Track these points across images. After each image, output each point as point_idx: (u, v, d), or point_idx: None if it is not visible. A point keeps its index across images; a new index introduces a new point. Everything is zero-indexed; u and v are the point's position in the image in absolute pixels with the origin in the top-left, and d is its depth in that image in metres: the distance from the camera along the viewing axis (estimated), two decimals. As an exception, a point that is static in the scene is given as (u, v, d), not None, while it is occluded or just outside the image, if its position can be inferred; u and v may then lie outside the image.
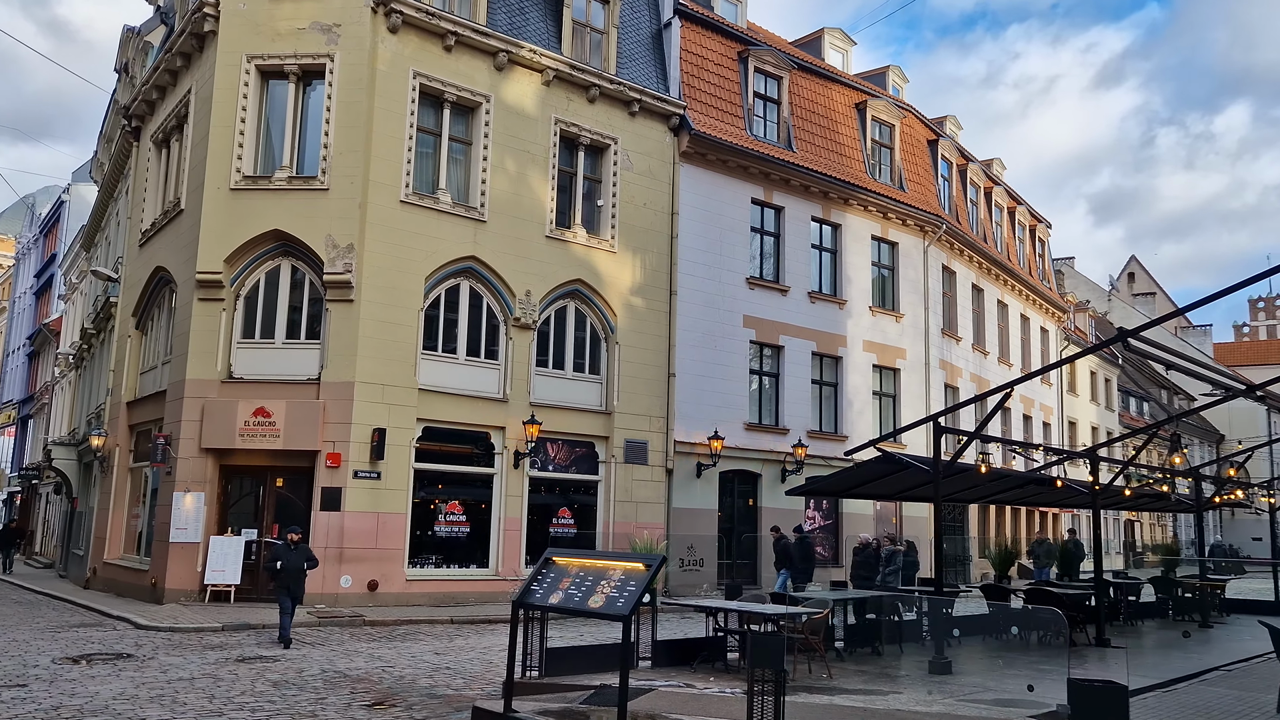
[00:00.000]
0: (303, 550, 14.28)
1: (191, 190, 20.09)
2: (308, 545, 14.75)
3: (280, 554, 14.16)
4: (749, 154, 24.95)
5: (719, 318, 24.26)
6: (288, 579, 13.89)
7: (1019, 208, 38.37)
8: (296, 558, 14.04)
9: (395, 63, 19.66)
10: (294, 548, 14.13)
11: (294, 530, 14.48)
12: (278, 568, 13.91)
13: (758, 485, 24.80)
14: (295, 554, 14.05)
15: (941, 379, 29.96)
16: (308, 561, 14.17)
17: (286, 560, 13.97)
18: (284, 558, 14.02)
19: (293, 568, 13.95)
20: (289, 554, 14.07)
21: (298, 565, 14.01)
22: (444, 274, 20.09)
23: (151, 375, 22.08)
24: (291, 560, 13.98)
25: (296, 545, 14.19)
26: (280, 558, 14.05)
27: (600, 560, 8.16)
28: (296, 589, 13.99)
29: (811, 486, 15.77)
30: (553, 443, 21.45)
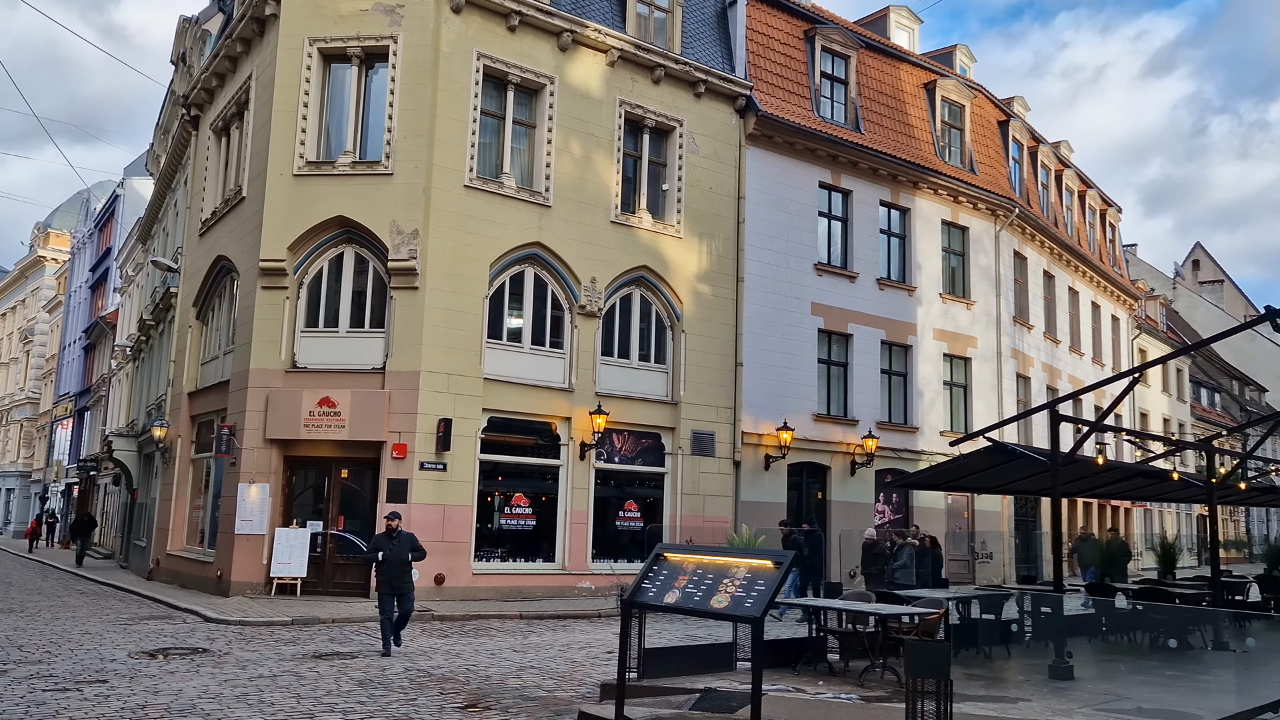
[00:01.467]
0: (406, 539, 12.38)
1: (253, 177, 19.76)
2: (410, 533, 12.80)
3: (380, 544, 12.34)
4: (817, 136, 24.15)
5: (786, 305, 23.52)
6: (390, 573, 12.14)
7: (1089, 191, 37.10)
8: (400, 548, 12.24)
9: (458, 44, 19.16)
10: (395, 537, 12.32)
11: (394, 516, 12.68)
12: (379, 559, 12.16)
13: (826, 478, 24.05)
14: (398, 544, 12.26)
15: (1013, 369, 28.96)
16: (413, 552, 12.27)
17: (388, 551, 12.21)
18: (385, 548, 12.23)
19: (396, 559, 12.18)
20: (390, 544, 12.28)
21: (401, 557, 12.22)
22: (508, 260, 19.58)
23: (213, 365, 21.85)
24: (395, 551, 12.21)
25: (398, 534, 12.36)
26: (381, 548, 12.25)
27: (718, 557, 7.55)
28: (400, 584, 12.15)
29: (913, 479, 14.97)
30: (618, 434, 20.88)
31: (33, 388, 61.68)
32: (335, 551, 18.34)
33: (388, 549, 12.25)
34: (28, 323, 63.94)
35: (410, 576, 12.40)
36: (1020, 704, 8.97)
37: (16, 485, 60.88)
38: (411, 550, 12.34)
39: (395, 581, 12.13)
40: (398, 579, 12.15)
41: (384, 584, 12.20)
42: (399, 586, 12.15)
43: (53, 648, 12.06)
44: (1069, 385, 32.90)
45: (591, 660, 12.21)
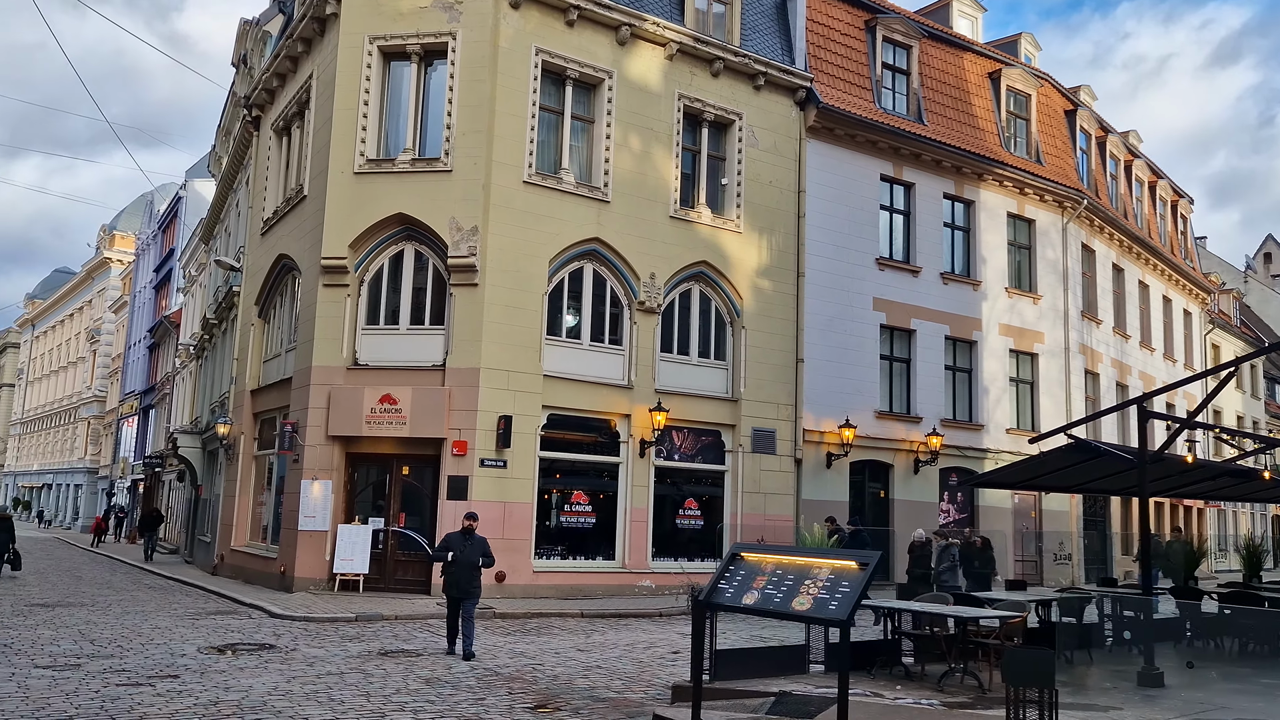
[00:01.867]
0: (479, 543, 11.90)
1: (314, 176, 19.87)
2: (484, 537, 12.25)
3: (454, 543, 11.86)
4: (879, 128, 23.67)
5: (848, 300, 23.09)
6: (459, 575, 11.63)
7: (1160, 182, 35.97)
8: (472, 551, 11.80)
9: (517, 39, 19.06)
10: (470, 538, 11.87)
11: (471, 516, 12.26)
12: (449, 559, 11.65)
13: (889, 476, 23.57)
14: (471, 546, 11.81)
15: (1081, 364, 28.16)
16: (483, 557, 11.75)
17: (460, 552, 11.69)
18: (457, 548, 11.74)
19: (467, 562, 11.69)
20: (463, 544, 11.81)
21: (473, 560, 11.75)
22: (567, 256, 19.45)
23: (275, 363, 22.05)
24: (467, 553, 11.74)
25: (472, 535, 11.90)
26: (453, 548, 11.77)
27: (798, 557, 7.27)
28: (468, 585, 11.62)
29: (987, 478, 14.49)
30: (678, 431, 20.65)
31: (99, 386, 63.23)
32: (397, 548, 18.37)
33: (460, 549, 11.77)
34: (94, 323, 65.58)
35: (478, 581, 11.83)
36: (1112, 713, 8.57)
37: (84, 481, 62.47)
38: (482, 555, 11.85)
39: (463, 584, 11.62)
40: (465, 581, 11.64)
41: (451, 585, 11.68)
42: (465, 589, 11.63)
43: (124, 642, 12.16)
44: (1139, 381, 31.95)
45: (658, 660, 12.01)
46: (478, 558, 11.80)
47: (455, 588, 11.66)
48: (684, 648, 13.17)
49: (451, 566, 11.65)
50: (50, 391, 74.51)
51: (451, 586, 11.71)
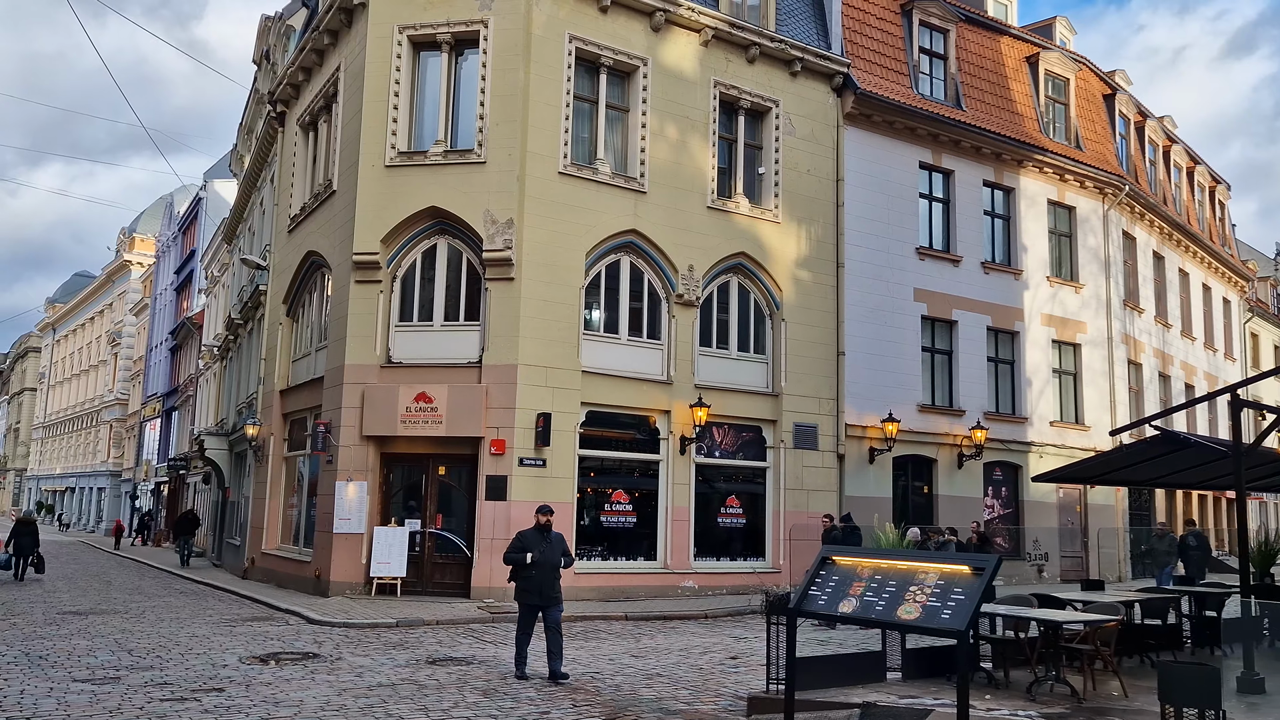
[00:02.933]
0: (558, 540, 10.44)
1: (344, 170, 19.43)
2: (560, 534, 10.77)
3: (530, 542, 10.25)
4: (918, 114, 23.04)
5: (888, 291, 22.49)
6: (541, 580, 10.08)
7: (1198, 168, 35.16)
8: (552, 549, 10.29)
9: (550, 26, 18.55)
10: (547, 535, 10.39)
11: (546, 510, 10.65)
12: (528, 562, 10.10)
13: (933, 471, 22.96)
14: (550, 544, 10.31)
15: (1124, 354, 27.45)
16: (564, 556, 10.37)
17: (541, 553, 10.17)
18: (535, 547, 10.18)
19: (549, 563, 10.17)
20: (542, 543, 10.26)
21: (555, 561, 10.25)
22: (604, 249, 18.93)
23: (304, 362, 21.62)
24: (548, 554, 10.21)
25: (548, 531, 10.41)
26: (531, 547, 10.19)
27: (899, 561, 6.74)
28: (551, 591, 10.13)
29: (1064, 472, 13.87)
30: (718, 427, 20.10)
31: (121, 389, 63.18)
32: (434, 550, 17.91)
33: (539, 549, 10.21)
34: (115, 326, 65.55)
35: (559, 584, 10.33)
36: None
37: (107, 484, 62.45)
38: (563, 554, 10.47)
39: (546, 590, 10.13)
40: (549, 586, 10.14)
41: (529, 592, 10.15)
42: (550, 595, 10.13)
43: (163, 652, 11.73)
44: (1180, 371, 31.21)
45: (719, 668, 11.48)
46: (559, 557, 10.38)
47: (537, 594, 10.12)
48: (741, 653, 12.66)
49: (531, 569, 10.11)
50: (72, 395, 74.61)
51: (531, 593, 10.15)
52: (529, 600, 10.18)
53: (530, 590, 10.15)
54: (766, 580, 19.11)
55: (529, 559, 10.13)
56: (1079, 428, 25.70)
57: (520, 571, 10.19)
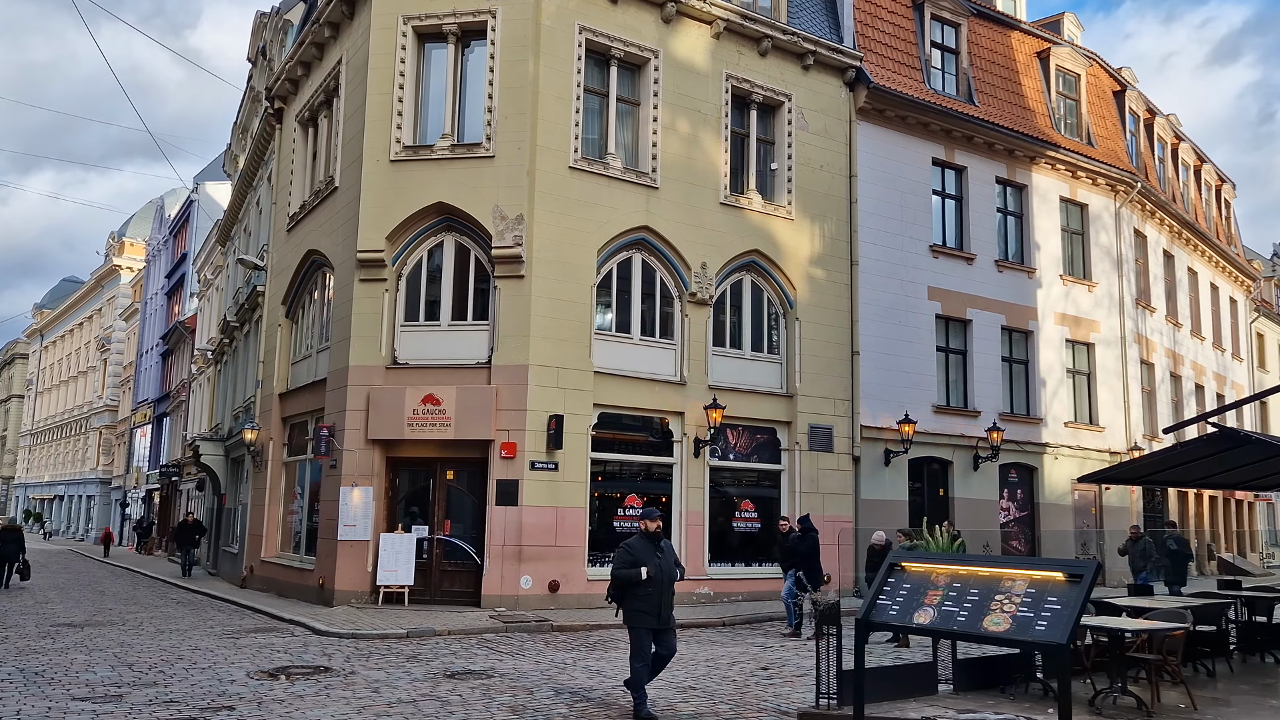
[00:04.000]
0: (669, 550, 8.92)
1: (346, 166, 18.86)
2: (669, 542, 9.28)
3: (641, 554, 8.66)
4: (931, 109, 22.59)
5: (902, 289, 22.02)
6: (660, 597, 8.59)
7: (1204, 166, 34.86)
8: (667, 561, 8.80)
9: (559, 17, 18.03)
10: (659, 545, 8.87)
11: (652, 515, 9.02)
12: (643, 578, 8.52)
13: (948, 474, 22.47)
14: (664, 555, 8.83)
15: (1137, 354, 27.04)
16: (678, 568, 9.07)
17: (655, 566, 8.62)
18: (649, 560, 8.63)
19: (667, 578, 8.69)
20: (655, 554, 8.72)
21: (671, 575, 8.77)
22: (616, 246, 18.40)
23: (305, 364, 21.01)
24: (664, 566, 8.70)
25: (660, 539, 8.90)
26: (644, 560, 8.62)
27: (979, 568, 6.21)
28: (669, 613, 8.69)
29: (1109, 473, 13.36)
30: (732, 429, 19.58)
31: (110, 395, 62.32)
32: (442, 558, 17.32)
33: (653, 561, 8.64)
34: (104, 331, 64.68)
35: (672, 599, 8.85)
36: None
37: (97, 492, 61.55)
38: (676, 565, 8.97)
39: (665, 610, 8.64)
40: (667, 606, 8.68)
41: (647, 614, 8.54)
42: (667, 617, 8.68)
43: (165, 667, 11.13)
44: (1190, 371, 30.86)
45: (751, 679, 10.94)
46: (675, 569, 8.88)
47: (655, 615, 8.56)
48: (771, 664, 12.13)
49: (647, 586, 8.52)
50: (60, 402, 73.66)
51: (649, 614, 8.56)
52: (646, 623, 8.58)
53: (648, 611, 8.56)
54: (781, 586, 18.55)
55: (645, 574, 8.54)
56: (1093, 428, 25.27)
57: (632, 590, 8.59)
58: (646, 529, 8.87)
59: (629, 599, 8.61)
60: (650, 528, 8.87)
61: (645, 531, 8.87)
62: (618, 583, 8.66)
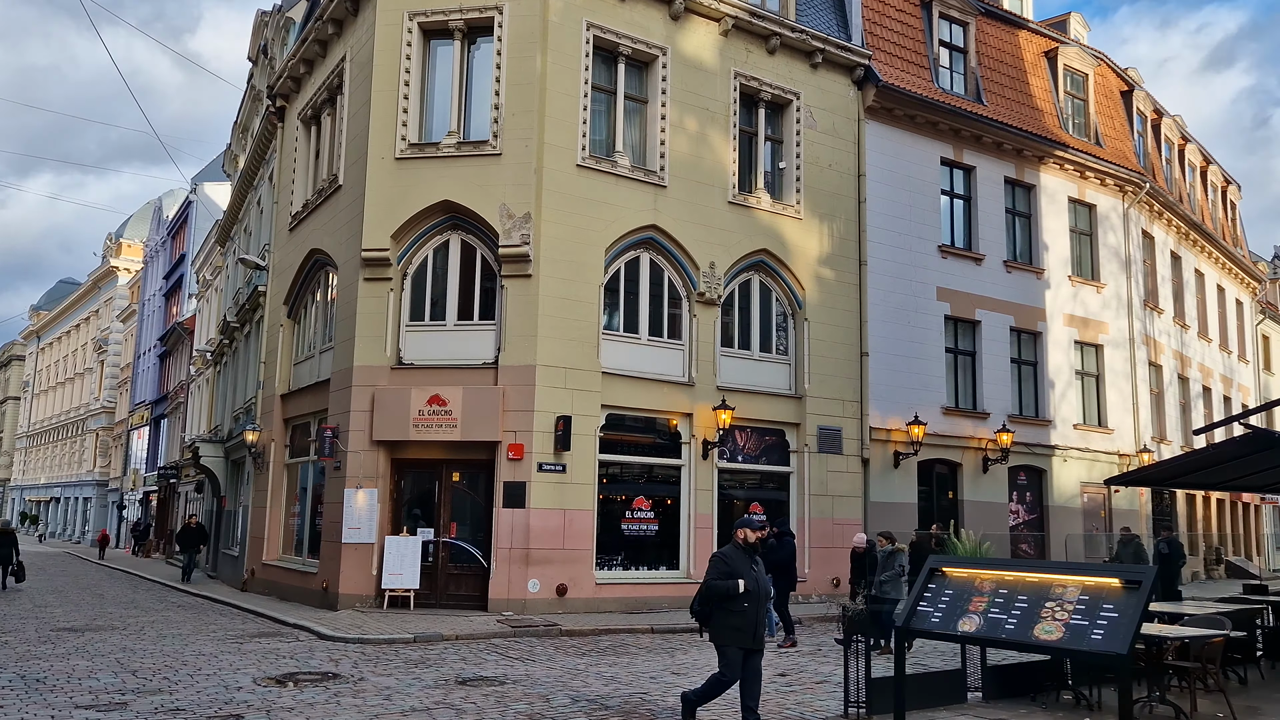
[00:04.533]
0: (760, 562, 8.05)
1: (350, 164, 18.61)
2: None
3: (737, 565, 7.80)
4: (940, 108, 22.38)
5: (911, 290, 21.80)
6: (754, 615, 7.76)
7: (1210, 167, 34.69)
8: (763, 577, 8.03)
9: (567, 13, 17.79)
10: (755, 557, 8.04)
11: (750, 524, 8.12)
12: (739, 590, 7.69)
13: (957, 476, 22.24)
14: (759, 568, 8.01)
15: (1145, 356, 26.84)
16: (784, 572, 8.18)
17: (753, 581, 7.78)
18: (744, 571, 7.76)
19: (763, 593, 7.92)
20: (751, 566, 7.86)
21: (767, 589, 8.10)
22: (624, 245, 18.16)
23: (308, 365, 20.74)
24: (761, 580, 7.93)
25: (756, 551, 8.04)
26: (741, 573, 7.74)
27: (1025, 573, 5.97)
28: (762, 631, 7.88)
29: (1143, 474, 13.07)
30: (740, 431, 19.34)
31: (108, 397, 61.94)
32: (448, 561, 17.05)
33: (750, 575, 7.79)
34: (102, 333, 64.29)
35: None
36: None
37: (93, 494, 61.15)
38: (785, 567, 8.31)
39: (760, 629, 7.83)
40: (762, 624, 7.89)
41: (742, 631, 7.71)
42: (760, 637, 7.84)
43: (169, 673, 10.85)
44: (1198, 373, 30.67)
45: (770, 686, 10.64)
46: (770, 586, 8.23)
47: (751, 634, 7.74)
48: (788, 670, 11.87)
49: (743, 602, 7.69)
50: (57, 404, 73.25)
51: (745, 632, 7.72)
52: (741, 642, 7.70)
53: (744, 629, 7.69)
54: (792, 590, 18.32)
55: (741, 587, 7.69)
56: (1102, 430, 25.07)
57: (726, 604, 7.74)
58: (745, 539, 8.02)
59: (720, 614, 7.79)
60: (752, 538, 8.04)
61: (742, 542, 8.05)
62: (711, 595, 7.83)
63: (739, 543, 8.00)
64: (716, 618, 7.80)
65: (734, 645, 7.72)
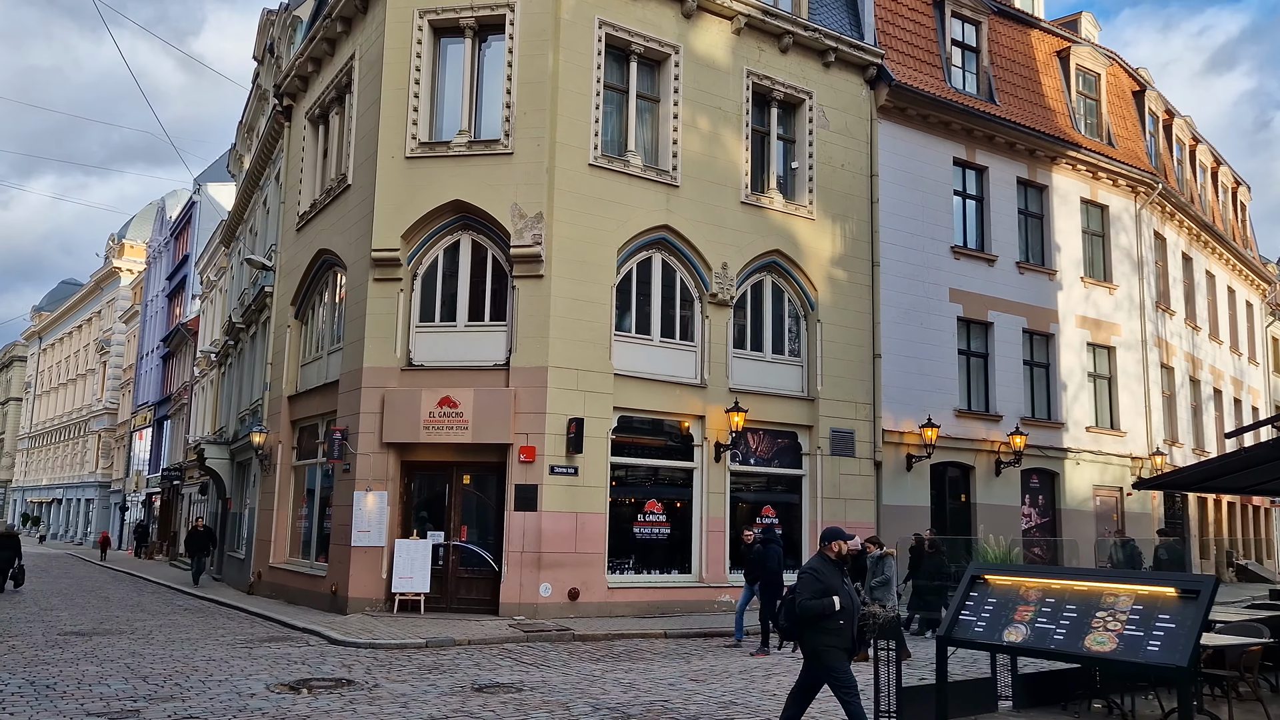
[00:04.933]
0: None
1: (360, 163, 18.43)
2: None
3: (830, 580, 7.27)
4: (953, 107, 22.20)
5: (924, 291, 21.61)
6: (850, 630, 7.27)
7: (1220, 168, 34.50)
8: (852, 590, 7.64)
9: (579, 11, 17.62)
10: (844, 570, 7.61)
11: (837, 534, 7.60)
12: (835, 608, 7.13)
13: (970, 479, 22.04)
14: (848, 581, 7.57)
15: (1157, 358, 26.64)
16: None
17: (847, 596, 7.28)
18: (838, 588, 7.24)
19: (855, 608, 7.44)
20: (840, 580, 7.37)
21: (858, 604, 7.68)
22: (636, 245, 17.98)
23: (315, 366, 20.56)
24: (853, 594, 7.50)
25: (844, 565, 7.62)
26: (835, 589, 7.20)
27: (1073, 581, 5.78)
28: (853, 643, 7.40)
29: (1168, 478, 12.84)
30: (753, 433, 19.15)
31: (110, 398, 61.78)
32: (458, 564, 16.86)
33: (843, 589, 7.30)
34: (104, 334, 64.15)
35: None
36: None
37: (96, 496, 60.98)
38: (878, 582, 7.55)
39: (854, 646, 7.41)
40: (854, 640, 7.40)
41: (837, 649, 7.21)
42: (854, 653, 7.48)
43: (181, 679, 10.66)
44: (1210, 376, 30.47)
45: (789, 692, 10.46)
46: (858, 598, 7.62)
47: (848, 651, 7.30)
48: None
49: (839, 618, 7.16)
50: (59, 405, 73.08)
51: (840, 649, 7.22)
52: (840, 658, 7.26)
53: (841, 646, 7.24)
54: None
55: (837, 605, 7.17)
56: (1115, 433, 24.87)
57: (823, 623, 7.20)
58: (838, 551, 7.51)
59: (817, 633, 7.22)
60: (844, 550, 7.58)
61: (834, 554, 7.52)
62: (805, 616, 7.23)
63: (828, 555, 7.51)
64: (811, 635, 7.29)
65: (838, 663, 7.24)
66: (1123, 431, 25.01)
